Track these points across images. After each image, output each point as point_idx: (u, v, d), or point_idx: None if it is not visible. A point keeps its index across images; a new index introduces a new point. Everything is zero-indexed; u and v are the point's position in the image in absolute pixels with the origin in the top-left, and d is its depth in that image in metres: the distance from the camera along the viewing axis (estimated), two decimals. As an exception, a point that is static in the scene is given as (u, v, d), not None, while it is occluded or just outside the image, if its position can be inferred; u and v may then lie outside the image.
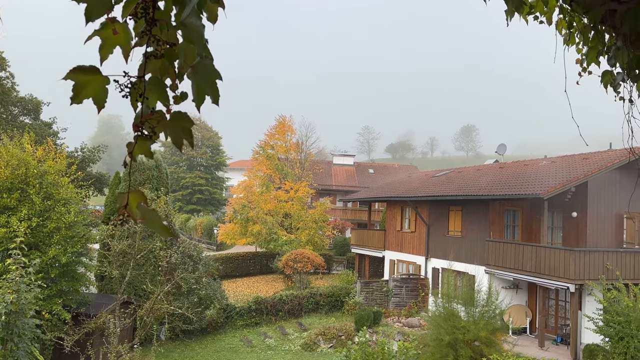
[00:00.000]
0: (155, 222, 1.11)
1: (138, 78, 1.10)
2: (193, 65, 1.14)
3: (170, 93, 1.17)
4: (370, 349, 11.35)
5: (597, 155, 20.58)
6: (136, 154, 1.16)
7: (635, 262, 17.25)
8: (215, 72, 1.16)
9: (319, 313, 23.95)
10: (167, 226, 1.19)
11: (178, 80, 1.15)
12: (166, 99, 1.16)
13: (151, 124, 1.13)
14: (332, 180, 44.34)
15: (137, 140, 1.13)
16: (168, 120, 1.17)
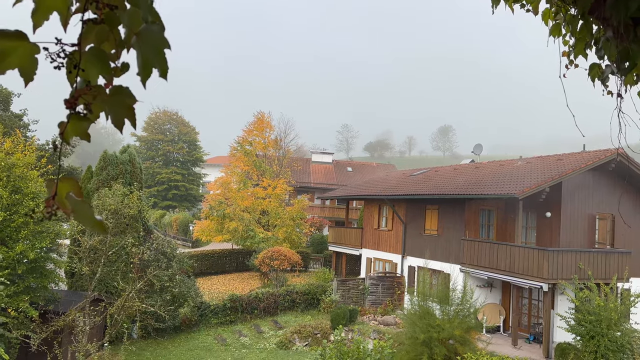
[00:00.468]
0: (85, 216, 0.95)
1: (73, 46, 0.94)
2: (138, 32, 0.97)
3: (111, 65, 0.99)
4: (345, 348, 11.27)
5: (571, 156, 20.91)
6: (69, 135, 0.99)
7: (607, 262, 17.58)
8: (163, 40, 0.99)
9: (295, 311, 23.80)
10: (101, 221, 1.03)
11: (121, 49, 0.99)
12: (107, 71, 0.99)
13: (86, 99, 0.96)
14: (310, 178, 44.19)
15: (70, 119, 0.96)
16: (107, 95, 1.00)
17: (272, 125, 35.41)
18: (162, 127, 60.91)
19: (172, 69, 1.07)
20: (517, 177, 19.91)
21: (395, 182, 28.52)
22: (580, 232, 19.46)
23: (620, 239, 19.72)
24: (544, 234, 19.99)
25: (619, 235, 19.78)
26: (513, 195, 17.58)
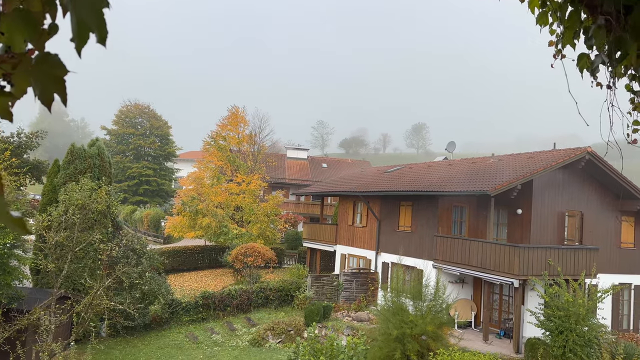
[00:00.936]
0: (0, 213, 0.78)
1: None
2: (70, -13, 0.80)
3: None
4: (319, 345, 11.16)
5: (543, 154, 21.27)
6: (-14, 112, 0.81)
7: (575, 259, 17.95)
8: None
9: (269, 308, 23.60)
10: (19, 218, 0.85)
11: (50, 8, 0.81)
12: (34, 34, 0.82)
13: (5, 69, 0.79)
14: (285, 174, 43.93)
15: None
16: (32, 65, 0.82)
17: (246, 120, 35.02)
18: (133, 121, 59.61)
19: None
20: (489, 175, 20.13)
21: (370, 178, 28.56)
22: (550, 229, 19.83)
23: (589, 236, 20.19)
24: (514, 230, 20.30)
25: (587, 232, 20.24)
26: (485, 192, 17.77)
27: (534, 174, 18.57)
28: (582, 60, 1.93)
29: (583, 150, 19.34)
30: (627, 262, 20.96)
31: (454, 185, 20.12)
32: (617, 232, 20.96)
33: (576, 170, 20.05)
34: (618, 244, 20.92)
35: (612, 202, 20.87)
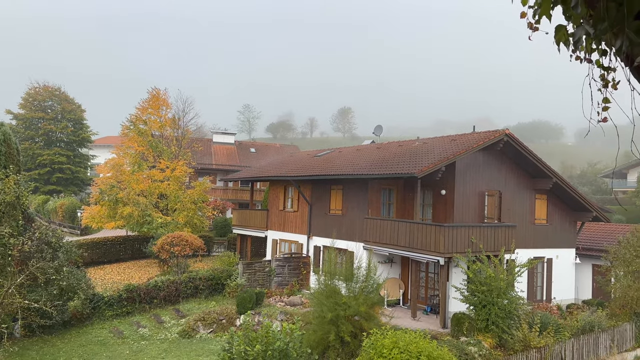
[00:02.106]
0: None
1: None
2: None
3: None
4: (254, 334, 10.92)
5: (464, 137, 22.17)
6: None
7: (495, 236, 18.99)
8: None
9: (199, 298, 22.96)
10: None
11: None
12: None
13: None
14: (212, 159, 42.73)
15: None
16: None
17: (169, 103, 33.43)
18: (42, 104, 55.03)
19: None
20: (415, 157, 20.69)
21: (300, 163, 28.44)
22: (472, 208, 20.80)
23: (507, 214, 21.42)
24: (439, 210, 21.09)
25: (505, 210, 21.46)
26: (413, 175, 18.23)
27: (456, 155, 19.30)
28: (560, 32, 1.84)
29: (501, 132, 20.37)
30: (540, 237, 22.54)
31: (383, 168, 20.48)
32: (531, 210, 22.43)
33: (495, 152, 21.11)
34: (532, 221, 22.42)
35: (527, 181, 22.27)
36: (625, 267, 18.89)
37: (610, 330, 17.44)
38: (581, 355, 16.37)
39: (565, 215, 23.55)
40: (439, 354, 11.28)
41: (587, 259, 24.16)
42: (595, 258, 23.39)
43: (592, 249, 24.04)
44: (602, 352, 17.06)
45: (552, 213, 23.11)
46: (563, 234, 23.46)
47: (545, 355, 15.04)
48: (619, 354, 17.54)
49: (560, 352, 15.68)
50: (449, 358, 11.48)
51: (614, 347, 17.44)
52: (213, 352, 16.71)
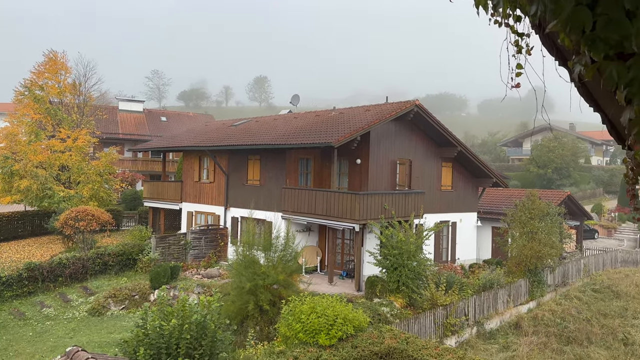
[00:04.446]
0: None
1: None
2: None
3: None
4: (169, 308, 10.63)
5: (377, 107, 22.75)
6: None
7: (406, 202, 19.91)
8: None
9: (108, 274, 21.91)
10: None
11: None
12: None
13: None
14: (118, 128, 40.29)
15: None
16: None
17: (68, 67, 30.75)
18: None
19: None
20: (332, 127, 20.93)
21: (216, 132, 27.67)
22: (385, 176, 21.57)
23: (416, 181, 22.49)
24: (355, 179, 21.64)
25: (414, 178, 22.51)
26: (330, 144, 18.45)
27: (371, 125, 19.79)
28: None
29: (412, 103, 21.14)
30: (446, 202, 23.99)
31: (300, 138, 20.50)
32: (438, 177, 23.72)
33: (406, 122, 21.92)
34: (439, 187, 23.75)
35: (435, 150, 23.44)
36: (521, 228, 20.70)
37: (507, 287, 19.16)
38: (482, 310, 17.88)
39: (468, 182, 25.19)
40: (354, 315, 11.75)
41: (488, 222, 26.17)
42: (495, 221, 25.40)
43: (492, 212, 26.04)
44: (500, 306, 18.75)
45: (456, 180, 24.62)
46: (466, 199, 25.15)
47: (450, 312, 16.23)
48: (514, 307, 19.37)
49: (464, 308, 17.00)
50: (363, 319, 12.00)
51: (511, 302, 19.23)
52: (126, 329, 16.10)
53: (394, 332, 11.82)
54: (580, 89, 2.28)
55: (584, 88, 2.26)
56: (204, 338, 9.43)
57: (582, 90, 2.27)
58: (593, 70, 2.01)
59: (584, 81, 2.14)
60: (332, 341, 11.02)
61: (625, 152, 2.37)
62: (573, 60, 2.02)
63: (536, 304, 20.41)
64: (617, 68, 1.96)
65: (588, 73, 2.04)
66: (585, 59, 1.98)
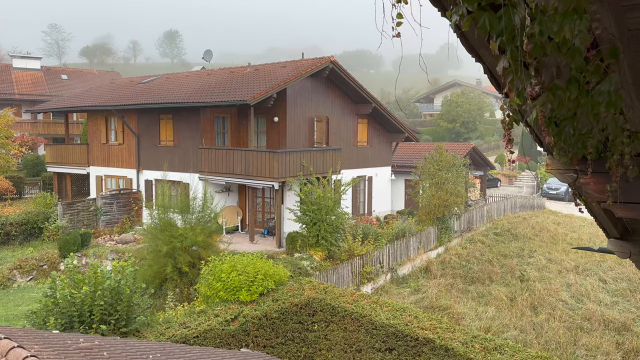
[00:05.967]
0: None
1: None
2: None
3: None
4: (80, 276, 10.20)
5: (293, 64, 22.52)
6: None
7: (324, 159, 20.23)
8: None
9: (12, 245, 20.46)
10: None
11: None
12: None
13: None
14: (13, 88, 36.65)
15: None
16: None
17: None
18: None
19: None
20: (247, 84, 20.50)
21: (123, 90, 26.05)
22: (303, 133, 21.68)
23: (333, 138, 22.84)
24: (273, 137, 21.55)
25: (332, 135, 22.84)
26: (245, 102, 18.12)
27: (287, 82, 19.62)
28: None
29: (327, 59, 21.15)
30: (362, 157, 24.68)
31: (215, 96, 19.91)
32: (354, 133, 24.24)
33: (322, 79, 21.96)
34: (355, 143, 24.32)
35: (351, 107, 23.82)
36: (430, 179, 21.92)
37: (418, 234, 20.39)
38: (395, 258, 18.95)
39: (383, 137, 26.02)
40: (275, 271, 11.99)
41: (401, 175, 27.39)
42: (407, 174, 26.62)
43: (405, 165, 27.24)
44: (412, 253, 19.97)
45: (372, 135, 25.33)
46: (381, 154, 26.04)
47: (366, 261, 17.06)
48: (425, 253, 20.72)
49: (379, 256, 17.93)
50: (283, 273, 12.28)
51: (421, 248, 20.53)
52: (35, 300, 15.28)
53: (313, 284, 12.24)
54: (461, 39, 2.41)
55: (464, 38, 2.39)
56: (119, 303, 9.20)
57: (462, 40, 2.40)
58: (469, 20, 2.13)
59: (463, 31, 2.26)
60: (254, 297, 11.20)
61: (502, 100, 2.56)
62: (451, 11, 2.13)
63: (444, 249, 21.97)
64: (489, 18, 2.09)
65: (465, 23, 2.16)
66: (461, 10, 2.09)
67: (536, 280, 19.86)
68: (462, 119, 55.35)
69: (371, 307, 10.77)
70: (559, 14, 1.84)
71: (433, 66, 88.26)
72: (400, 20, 2.05)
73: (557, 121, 2.89)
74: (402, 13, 2.01)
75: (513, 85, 2.32)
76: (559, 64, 2.13)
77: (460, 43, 2.50)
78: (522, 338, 14.56)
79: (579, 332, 15.46)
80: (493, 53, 2.30)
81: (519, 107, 2.42)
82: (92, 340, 6.04)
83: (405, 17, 2.01)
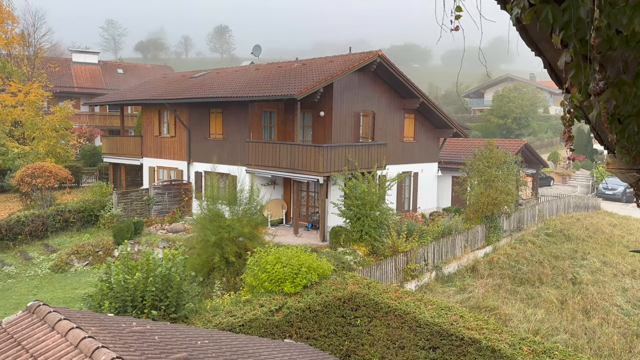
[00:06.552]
0: None
1: None
2: None
3: None
4: (133, 262, 10.65)
5: (341, 58, 22.48)
6: None
7: (369, 154, 20.13)
8: None
9: (70, 231, 21.57)
10: None
11: None
12: None
13: None
14: (72, 81, 38.49)
15: None
16: None
17: (14, 17, 28.86)
18: None
19: None
20: (295, 79, 20.64)
21: (175, 85, 26.85)
22: (348, 128, 21.64)
23: (379, 133, 22.67)
24: (318, 132, 21.63)
25: (377, 130, 22.67)
26: (293, 96, 18.26)
27: (334, 77, 19.61)
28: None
29: (375, 54, 20.98)
30: (408, 153, 24.38)
31: (262, 90, 20.18)
32: (401, 128, 23.96)
33: (369, 73, 21.81)
34: (402, 138, 24.04)
35: (398, 101, 23.55)
36: (479, 176, 21.37)
37: (464, 232, 19.97)
38: (441, 256, 18.65)
39: (430, 132, 25.58)
40: (318, 264, 12.07)
41: (448, 172, 26.86)
42: (455, 170, 26.08)
43: (452, 162, 26.69)
44: (458, 251, 19.59)
45: (418, 131, 24.95)
46: (428, 150, 25.62)
47: (410, 258, 16.87)
48: (471, 252, 20.28)
49: (424, 254, 17.69)
50: (327, 267, 12.35)
51: (468, 247, 20.10)
52: (91, 285, 16.08)
53: (357, 278, 12.24)
54: (521, 33, 2.34)
55: (524, 32, 2.32)
56: (169, 290, 9.53)
57: (522, 33, 2.33)
58: (531, 13, 2.06)
59: (523, 24, 2.20)
60: (297, 289, 11.33)
61: (563, 95, 2.47)
62: (512, 3, 2.07)
63: (492, 249, 21.42)
64: (553, 11, 2.02)
65: (526, 16, 2.10)
66: (523, 2, 2.03)
67: (589, 283, 19.05)
68: (514, 114, 53.57)
69: (415, 304, 10.67)
70: (629, 6, 1.76)
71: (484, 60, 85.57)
72: (459, 13, 2.02)
73: (620, 118, 2.77)
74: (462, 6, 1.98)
75: (575, 80, 2.24)
76: (627, 58, 2.03)
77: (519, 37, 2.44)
78: (573, 342, 14.02)
79: (634, 339, 14.72)
80: (555, 47, 2.23)
81: (581, 103, 2.33)
82: (144, 325, 6.31)
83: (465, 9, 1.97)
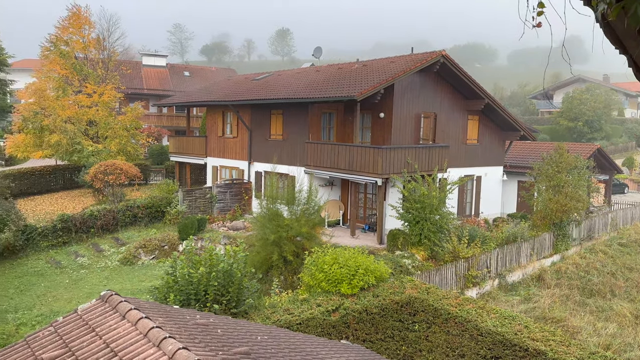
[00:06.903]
0: None
1: None
2: None
3: None
4: (197, 257, 11.04)
5: (402, 59, 22.19)
6: None
7: (429, 156, 19.74)
8: None
9: (138, 226, 22.67)
10: None
11: None
12: None
13: None
14: (142, 83, 40.51)
15: None
16: None
17: (91, 22, 30.74)
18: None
19: None
20: (355, 80, 20.61)
21: (238, 87, 27.60)
22: (408, 130, 21.31)
23: (441, 135, 22.17)
24: (378, 133, 21.46)
25: (439, 132, 22.18)
26: (353, 97, 18.23)
27: (395, 78, 19.39)
28: None
29: (438, 54, 20.54)
30: (471, 156, 23.67)
31: (323, 92, 20.30)
32: (464, 130, 23.32)
33: (431, 74, 21.38)
34: (464, 141, 23.39)
35: (461, 103, 22.92)
36: (547, 182, 20.39)
37: (531, 240, 19.11)
38: (505, 263, 17.96)
39: (495, 135, 24.71)
40: (376, 267, 11.98)
41: (514, 176, 25.83)
42: (521, 174, 25.05)
43: (518, 166, 25.65)
44: (523, 259, 18.78)
45: (482, 133, 24.17)
46: (492, 153, 24.76)
47: (472, 264, 16.36)
48: (537, 260, 19.38)
49: (486, 260, 17.10)
50: (384, 270, 12.23)
51: (534, 255, 19.23)
52: (156, 277, 16.82)
53: (415, 283, 12.03)
54: (605, 29, 2.20)
55: (609, 28, 2.18)
56: (230, 285, 9.80)
57: (607, 30, 2.19)
58: (618, 9, 1.94)
59: (608, 21, 2.07)
60: (354, 290, 11.30)
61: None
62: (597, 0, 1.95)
63: (560, 258, 20.37)
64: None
65: (613, 12, 1.97)
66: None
67: (668, 299, 17.67)
68: (586, 117, 50.67)
69: (477, 312, 10.34)
70: None
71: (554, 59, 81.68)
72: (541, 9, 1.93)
73: None
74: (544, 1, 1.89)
75: (665, 79, 2.09)
76: None
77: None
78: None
79: None
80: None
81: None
82: (208, 318, 6.51)
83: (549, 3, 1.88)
